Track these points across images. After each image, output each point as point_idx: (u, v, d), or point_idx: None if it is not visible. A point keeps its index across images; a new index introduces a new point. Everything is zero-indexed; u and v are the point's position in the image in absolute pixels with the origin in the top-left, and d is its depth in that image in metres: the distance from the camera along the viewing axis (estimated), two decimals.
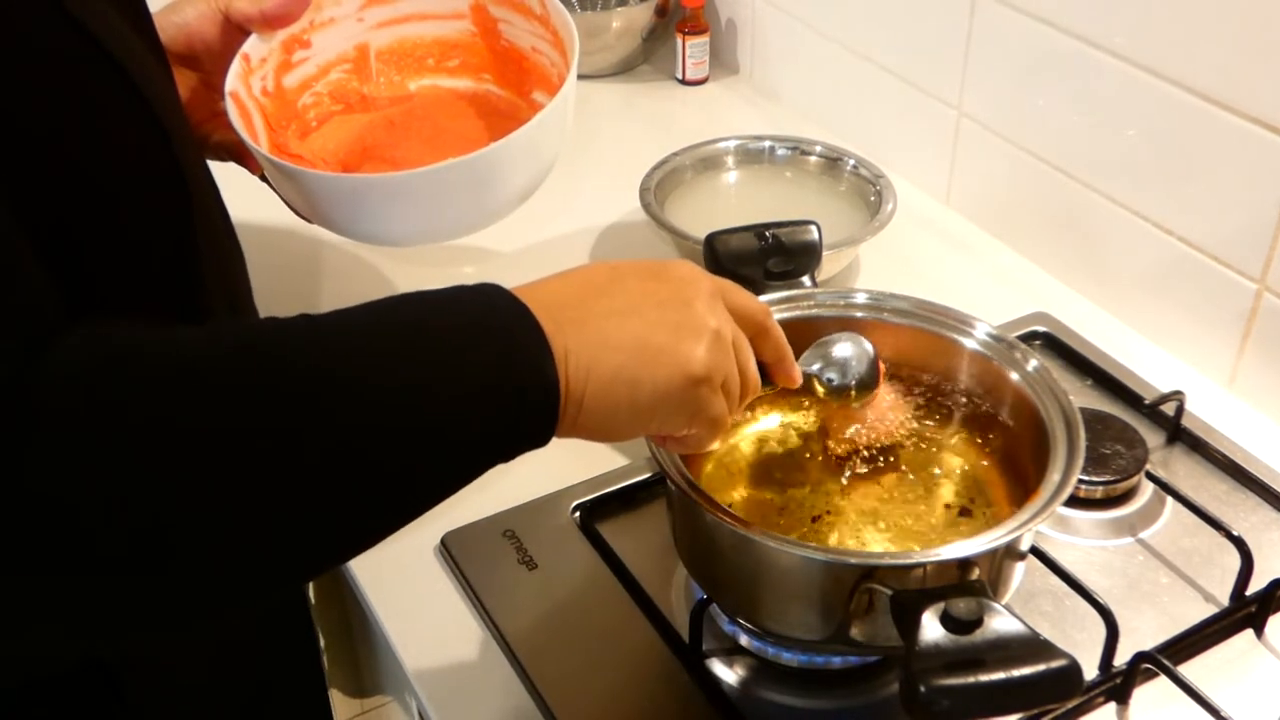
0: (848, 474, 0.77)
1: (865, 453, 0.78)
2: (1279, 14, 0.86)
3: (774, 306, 0.82)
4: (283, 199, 0.85)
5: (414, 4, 0.96)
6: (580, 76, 0.95)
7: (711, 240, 0.89)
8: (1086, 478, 0.86)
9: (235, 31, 0.83)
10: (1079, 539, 0.86)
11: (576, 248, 1.18)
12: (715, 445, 0.67)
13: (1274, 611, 0.79)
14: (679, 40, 1.46)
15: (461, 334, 0.55)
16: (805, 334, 0.82)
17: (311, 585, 1.08)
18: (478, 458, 0.57)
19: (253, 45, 0.84)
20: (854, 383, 0.75)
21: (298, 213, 0.86)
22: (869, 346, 0.75)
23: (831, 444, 0.77)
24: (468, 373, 0.54)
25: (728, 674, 0.76)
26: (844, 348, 0.75)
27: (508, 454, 0.57)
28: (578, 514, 0.87)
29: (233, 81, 0.82)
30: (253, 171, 0.87)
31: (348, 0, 0.93)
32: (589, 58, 1.47)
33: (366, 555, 0.82)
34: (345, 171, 0.89)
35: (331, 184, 0.81)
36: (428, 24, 0.97)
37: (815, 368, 0.74)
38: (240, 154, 0.86)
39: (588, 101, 1.44)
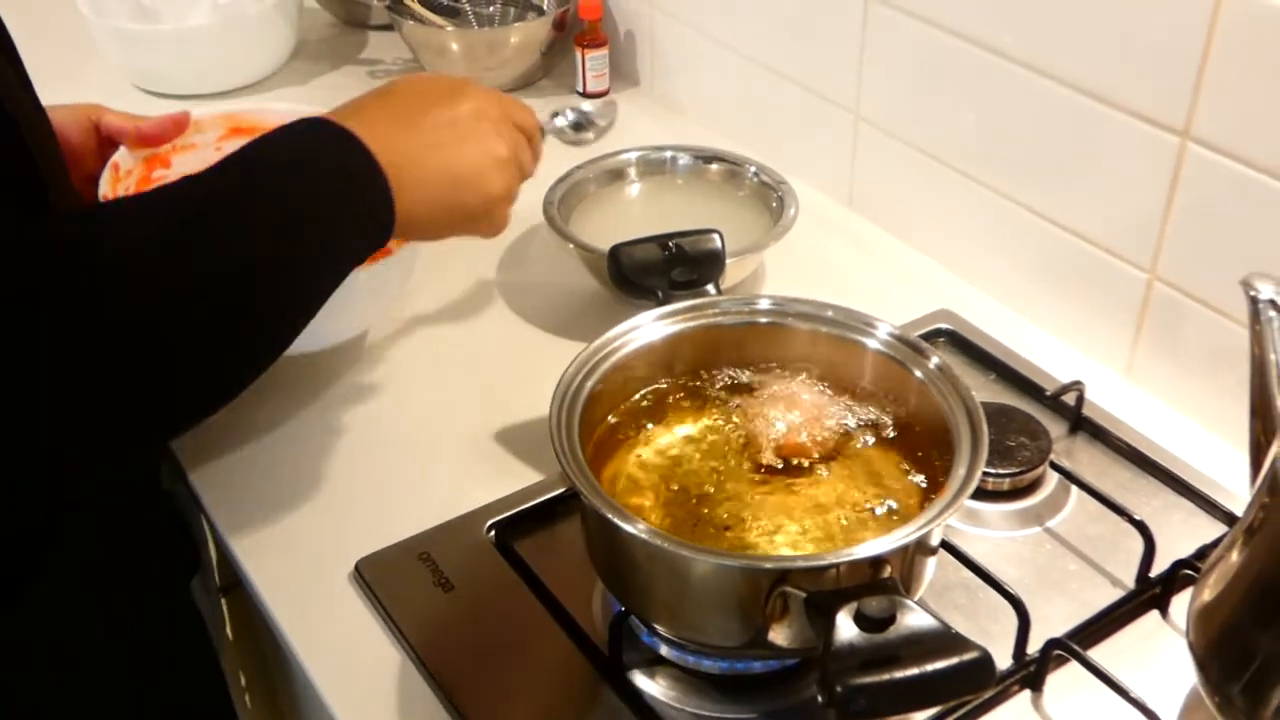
0: (762, 478, 0.77)
1: (794, 460, 0.79)
2: (1158, 12, 0.89)
3: (679, 316, 0.83)
4: None
5: None
6: None
7: (615, 252, 0.90)
8: (992, 470, 0.88)
9: (104, 141, 0.92)
10: (989, 531, 0.87)
11: (482, 262, 1.17)
12: (496, 232, 0.83)
13: (1177, 592, 0.82)
14: (578, 53, 1.47)
15: (307, 161, 0.67)
16: (711, 343, 0.83)
17: (228, 624, 1.06)
18: (337, 253, 0.68)
19: (122, 156, 0.93)
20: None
21: None
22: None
23: (764, 455, 0.78)
24: (321, 184, 0.67)
25: (650, 685, 0.76)
26: None
27: (359, 261, 0.70)
28: (493, 533, 0.86)
29: (104, 187, 0.90)
30: None
31: (209, 129, 1.00)
32: (487, 74, 1.47)
33: (279, 586, 0.83)
34: None
35: None
36: None
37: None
38: None
39: None
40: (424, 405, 1.00)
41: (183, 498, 0.94)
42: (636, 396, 0.82)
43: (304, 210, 0.65)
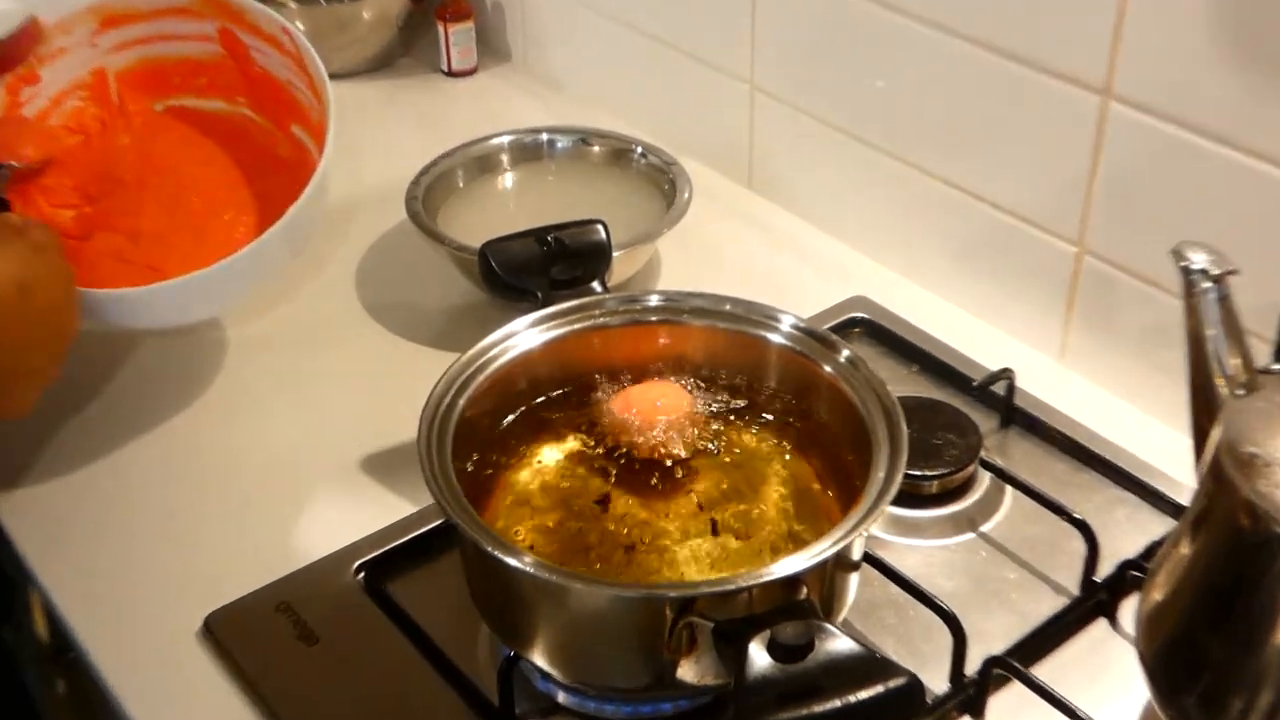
0: (660, 493, 0.77)
1: (668, 464, 0.78)
2: None
3: (560, 320, 0.82)
4: None
5: (154, 26, 0.98)
6: (333, 75, 0.95)
7: (486, 250, 0.89)
8: (917, 472, 0.88)
9: None
10: (918, 540, 0.88)
11: (339, 268, 1.15)
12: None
13: (1125, 596, 0.83)
14: (440, 28, 1.45)
15: None
16: (597, 348, 0.83)
17: (59, 691, 1.03)
18: None
19: None
20: None
21: None
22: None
23: (657, 469, 0.77)
24: None
25: None
26: None
27: None
28: (361, 575, 0.85)
29: None
30: None
31: (79, 28, 0.95)
32: (340, 53, 1.45)
33: (115, 645, 0.81)
34: (77, 237, 0.94)
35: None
36: (171, 44, 0.99)
37: None
38: None
39: (341, 102, 1.41)
40: (278, 434, 0.98)
41: None
42: (516, 413, 0.81)
43: None
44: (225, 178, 1.00)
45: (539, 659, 0.73)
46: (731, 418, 0.81)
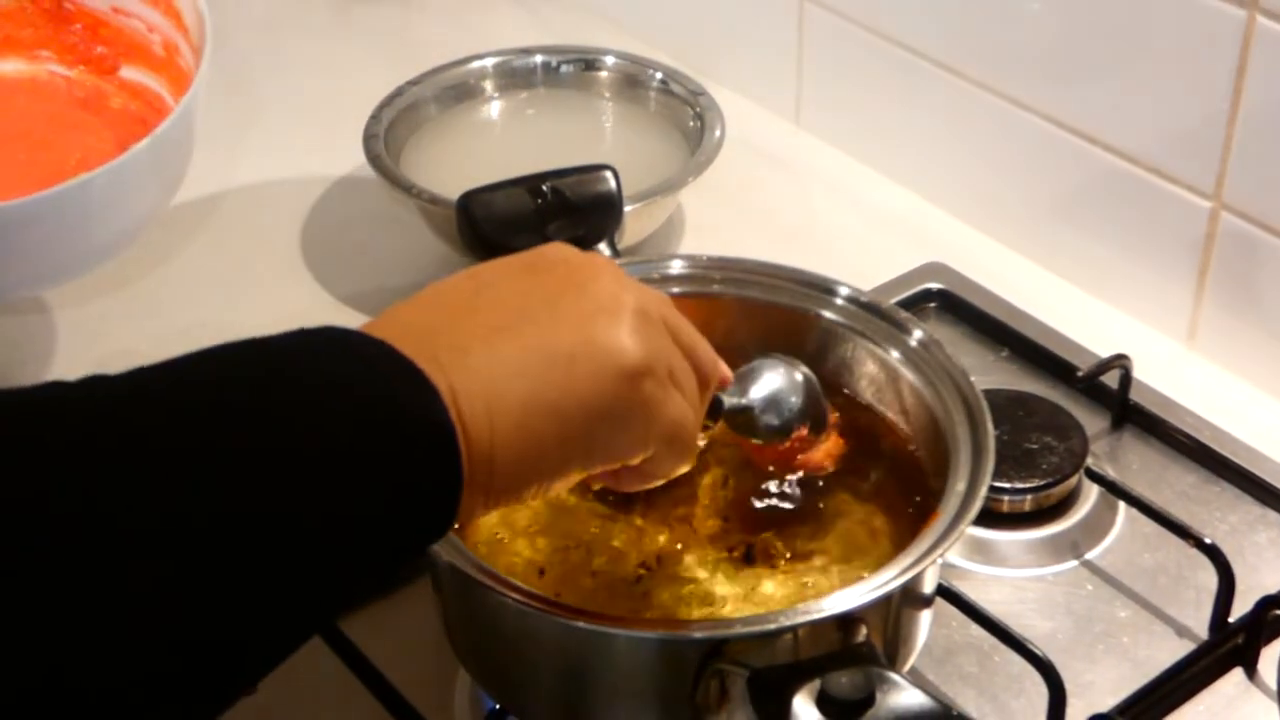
0: (682, 513, 0.78)
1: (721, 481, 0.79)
2: None
3: None
4: None
5: None
6: None
7: (467, 202, 0.89)
8: (1006, 485, 0.89)
9: None
10: (1006, 569, 0.89)
11: (284, 223, 1.16)
12: (685, 466, 0.68)
13: (1267, 641, 0.83)
14: None
15: (315, 408, 0.55)
16: None
17: None
18: (349, 576, 0.57)
19: None
20: (788, 422, 0.76)
21: None
22: (801, 375, 0.77)
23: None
24: (331, 465, 0.54)
25: None
26: (775, 377, 0.76)
27: (393, 561, 0.58)
28: None
29: None
30: None
31: None
32: None
33: None
34: None
35: None
36: None
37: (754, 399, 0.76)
38: None
39: (282, 22, 1.43)
40: None
41: None
42: None
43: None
44: (32, 139, 0.98)
45: (531, 714, 0.74)
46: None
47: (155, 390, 0.54)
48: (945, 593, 0.82)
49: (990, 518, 0.89)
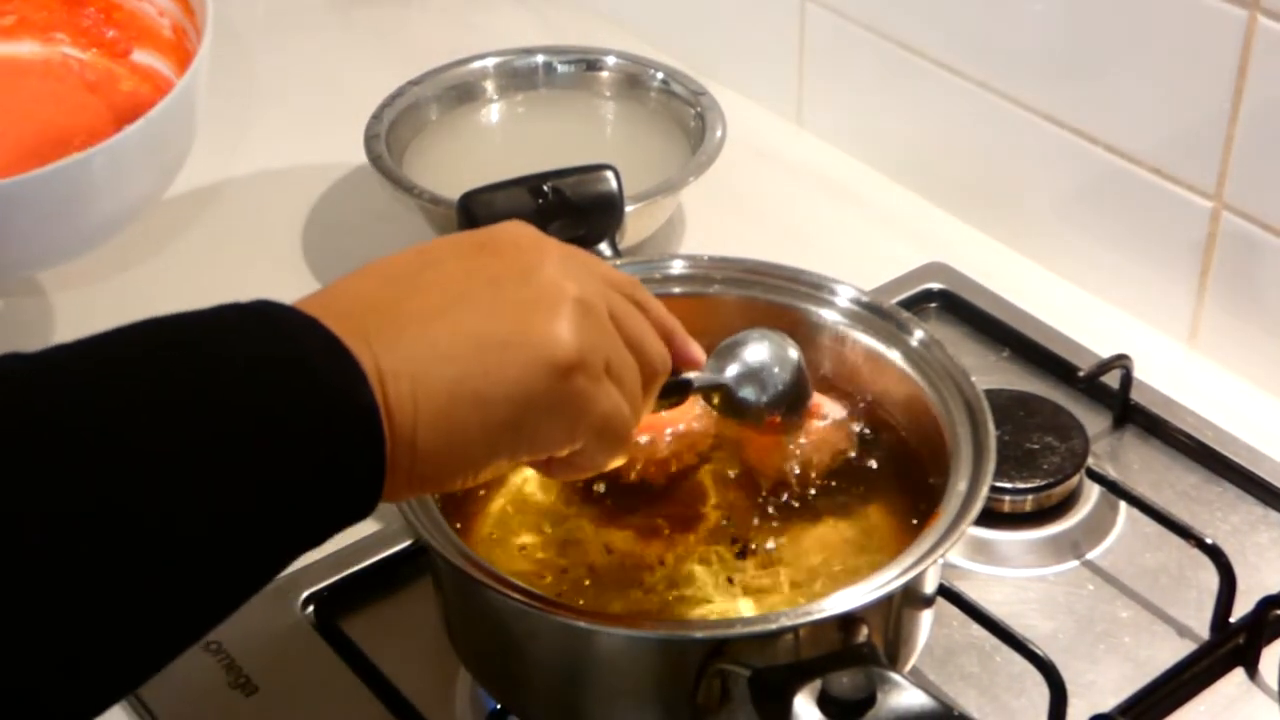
0: (675, 500, 0.78)
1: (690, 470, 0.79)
2: None
3: None
4: None
5: None
6: None
7: (468, 202, 0.89)
8: (1007, 485, 0.89)
9: None
10: (1007, 569, 0.89)
11: (283, 221, 1.16)
12: (618, 460, 0.67)
13: (1268, 642, 0.83)
14: None
15: (234, 385, 0.55)
16: None
17: None
18: (270, 553, 0.56)
19: None
20: (771, 399, 0.75)
21: None
22: (792, 352, 0.76)
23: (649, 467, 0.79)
24: (250, 442, 0.54)
25: None
26: (757, 350, 0.76)
27: (314, 540, 0.57)
28: (311, 608, 0.86)
29: None
30: None
31: None
32: None
33: None
34: None
35: None
36: None
37: (728, 376, 0.75)
38: None
39: (284, 22, 1.43)
40: None
41: None
42: None
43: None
44: (44, 118, 0.99)
45: (532, 714, 0.74)
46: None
47: (68, 369, 0.54)
48: (946, 593, 0.82)
49: (991, 518, 0.89)
